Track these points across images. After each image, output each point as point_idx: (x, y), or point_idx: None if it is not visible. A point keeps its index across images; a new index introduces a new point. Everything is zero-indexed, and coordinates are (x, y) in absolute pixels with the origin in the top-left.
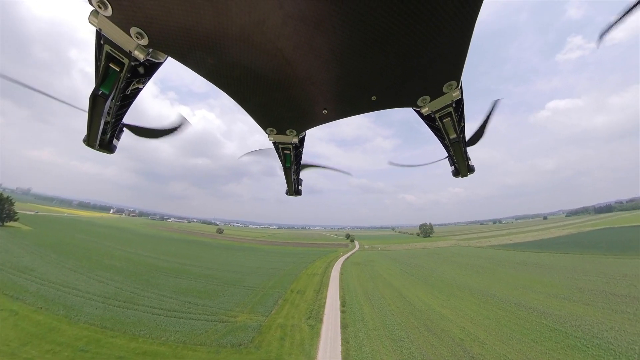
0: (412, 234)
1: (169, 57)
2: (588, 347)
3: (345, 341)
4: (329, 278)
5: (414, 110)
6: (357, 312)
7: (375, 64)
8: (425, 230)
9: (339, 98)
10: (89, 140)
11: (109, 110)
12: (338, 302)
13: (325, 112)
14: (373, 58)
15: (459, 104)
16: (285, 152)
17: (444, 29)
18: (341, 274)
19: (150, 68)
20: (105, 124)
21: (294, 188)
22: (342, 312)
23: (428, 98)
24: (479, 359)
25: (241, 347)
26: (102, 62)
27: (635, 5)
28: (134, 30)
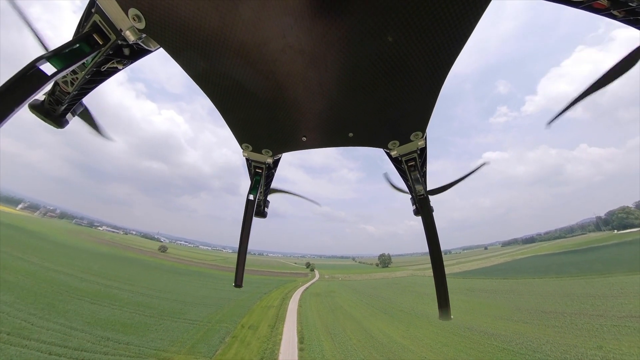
0: (371, 264)
1: (161, 49)
2: None
3: None
4: (286, 311)
5: (385, 151)
6: (316, 349)
7: (357, 105)
8: (384, 261)
9: (319, 128)
10: (35, 106)
11: (73, 80)
12: (296, 339)
13: (304, 139)
14: (356, 100)
15: (422, 152)
16: (257, 170)
17: (417, 87)
18: (300, 306)
19: (137, 53)
20: (63, 93)
21: (260, 209)
22: (301, 349)
23: (397, 143)
24: None
25: None
26: (85, 30)
27: (576, 100)
28: (132, 11)
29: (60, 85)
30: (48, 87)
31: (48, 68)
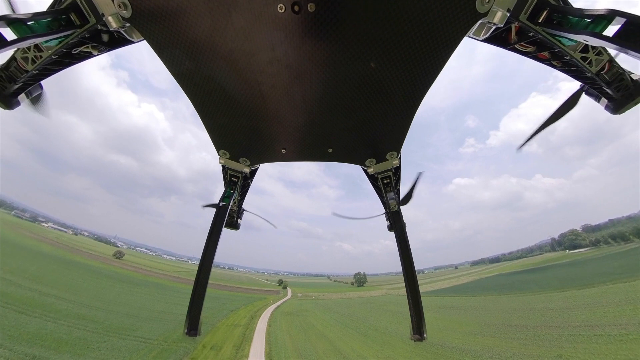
0: (347, 282)
1: (144, 42)
2: None
3: None
4: (254, 330)
5: (362, 168)
6: None
7: (337, 123)
8: (360, 280)
9: (299, 142)
10: None
11: (36, 57)
12: None
13: (283, 151)
14: (337, 118)
15: (397, 170)
16: (233, 179)
17: (394, 111)
18: (269, 325)
19: (117, 42)
20: (20, 71)
21: (232, 220)
22: None
23: (374, 161)
24: None
25: None
26: (63, 5)
27: (535, 133)
28: None
29: (18, 61)
30: (3, 57)
31: (8, 34)
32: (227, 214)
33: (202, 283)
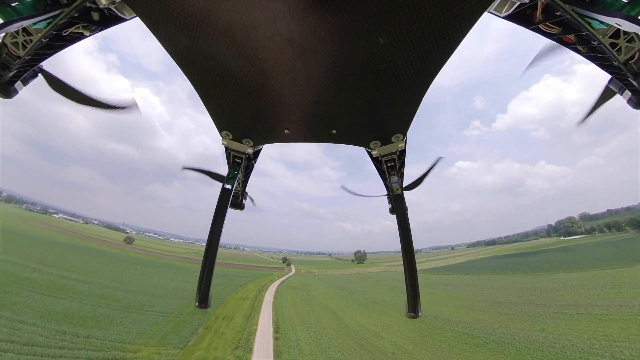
0: (347, 260)
1: (136, 19)
2: (488, 343)
3: None
4: (262, 302)
5: (366, 150)
6: (292, 337)
7: (342, 103)
8: (359, 257)
9: (302, 122)
10: None
11: (26, 42)
12: (271, 329)
13: (286, 132)
14: (342, 98)
15: (402, 154)
16: (236, 160)
17: (402, 91)
18: (275, 298)
19: (108, 20)
20: (12, 57)
21: (237, 201)
22: (276, 338)
23: (379, 143)
24: None
25: None
26: None
27: (596, 106)
28: None
29: (9, 47)
30: None
31: None
32: (232, 195)
33: (210, 261)
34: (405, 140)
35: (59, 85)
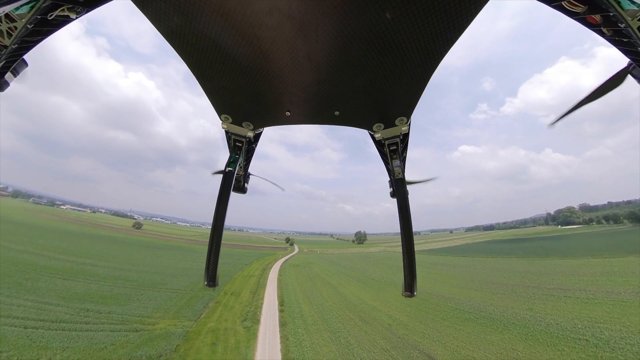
0: (348, 240)
1: None
2: (477, 318)
3: (284, 338)
4: (267, 279)
5: (369, 133)
6: (296, 310)
7: (346, 84)
8: (360, 238)
9: (304, 104)
10: None
11: (10, 30)
12: (276, 302)
13: (288, 114)
14: (345, 78)
15: (405, 137)
16: (237, 144)
17: (408, 72)
18: (279, 275)
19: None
20: None
21: (239, 184)
22: (281, 311)
23: (382, 126)
24: (404, 338)
25: (161, 358)
26: None
27: (577, 106)
28: None
29: None
30: None
31: None
32: (234, 179)
33: (216, 243)
34: (409, 124)
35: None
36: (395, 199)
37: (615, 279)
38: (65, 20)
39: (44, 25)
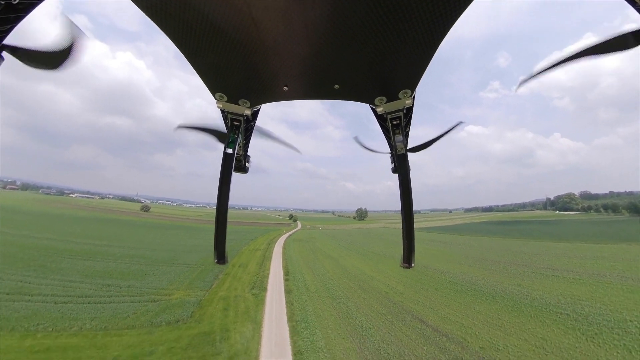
0: (349, 217)
1: None
2: (468, 290)
3: (289, 304)
4: (272, 253)
5: (370, 107)
6: (299, 279)
7: (346, 55)
8: (361, 214)
9: (302, 77)
10: None
11: None
12: (281, 272)
13: (285, 89)
14: (345, 48)
15: (409, 111)
16: (234, 123)
17: (414, 40)
18: (284, 248)
19: None
20: None
21: (240, 164)
22: (286, 280)
23: (384, 99)
24: (399, 304)
25: (179, 323)
26: None
27: (553, 66)
28: None
29: None
30: None
31: None
32: (235, 159)
33: (222, 222)
34: (414, 97)
35: (29, 56)
36: (397, 175)
37: (603, 263)
38: (33, 3)
39: (11, 11)
